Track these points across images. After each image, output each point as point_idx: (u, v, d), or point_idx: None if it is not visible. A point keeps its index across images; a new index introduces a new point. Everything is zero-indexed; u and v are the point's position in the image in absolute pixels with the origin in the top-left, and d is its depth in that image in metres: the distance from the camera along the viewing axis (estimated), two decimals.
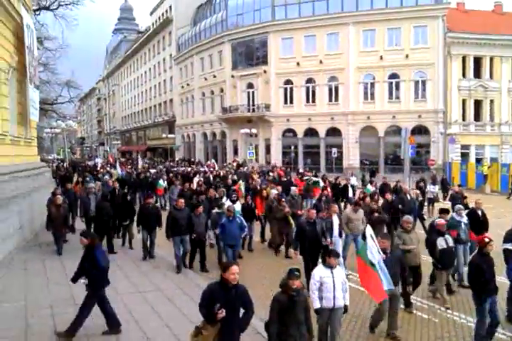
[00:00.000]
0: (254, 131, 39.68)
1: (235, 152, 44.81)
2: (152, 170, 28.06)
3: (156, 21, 62.56)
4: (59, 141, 72.07)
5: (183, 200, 10.78)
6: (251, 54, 43.46)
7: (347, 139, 38.02)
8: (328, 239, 9.80)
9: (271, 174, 25.04)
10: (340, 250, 9.85)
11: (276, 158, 40.98)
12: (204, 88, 49.53)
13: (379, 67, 36.61)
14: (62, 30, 60.11)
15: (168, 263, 10.86)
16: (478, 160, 34.64)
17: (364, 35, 37.33)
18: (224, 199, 13.04)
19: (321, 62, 38.34)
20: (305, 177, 21.91)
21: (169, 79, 58.74)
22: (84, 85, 60.32)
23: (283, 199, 12.66)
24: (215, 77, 46.87)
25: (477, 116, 36.69)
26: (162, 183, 20.59)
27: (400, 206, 13.33)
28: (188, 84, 52.60)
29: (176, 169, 30.82)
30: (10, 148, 13.44)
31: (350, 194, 18.68)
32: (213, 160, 35.70)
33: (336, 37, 38.21)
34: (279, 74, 40.47)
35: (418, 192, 16.77)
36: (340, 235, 10.53)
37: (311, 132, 39.89)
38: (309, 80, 39.49)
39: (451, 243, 8.39)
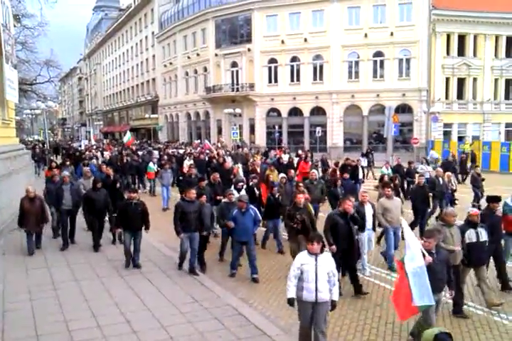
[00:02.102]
0: (238, 110, 39.34)
1: (219, 132, 44.45)
2: (139, 152, 25.82)
3: None
4: (39, 123, 70.69)
5: (194, 191, 9.09)
6: (235, 32, 42.66)
7: (331, 118, 37.89)
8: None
9: (272, 155, 22.43)
10: (372, 246, 9.09)
11: (261, 137, 40.84)
12: (187, 67, 48.70)
13: (363, 45, 36.28)
14: (40, 7, 58.14)
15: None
16: (461, 138, 35.02)
17: (349, 12, 36.80)
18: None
19: (305, 40, 37.85)
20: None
21: (152, 58, 57.57)
22: (64, 65, 58.89)
23: (301, 184, 11.03)
24: (198, 55, 46.04)
25: (460, 95, 36.85)
26: (152, 166, 19.14)
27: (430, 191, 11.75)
28: (171, 63, 51.66)
29: (170, 151, 27.51)
30: None
31: (360, 176, 17.39)
32: (207, 141, 32.63)
33: (321, 14, 37.64)
34: (264, 52, 39.88)
35: (451, 174, 14.73)
36: (374, 228, 9.06)
37: (295, 111, 39.65)
38: (294, 59, 39.01)
39: (484, 237, 7.17)
